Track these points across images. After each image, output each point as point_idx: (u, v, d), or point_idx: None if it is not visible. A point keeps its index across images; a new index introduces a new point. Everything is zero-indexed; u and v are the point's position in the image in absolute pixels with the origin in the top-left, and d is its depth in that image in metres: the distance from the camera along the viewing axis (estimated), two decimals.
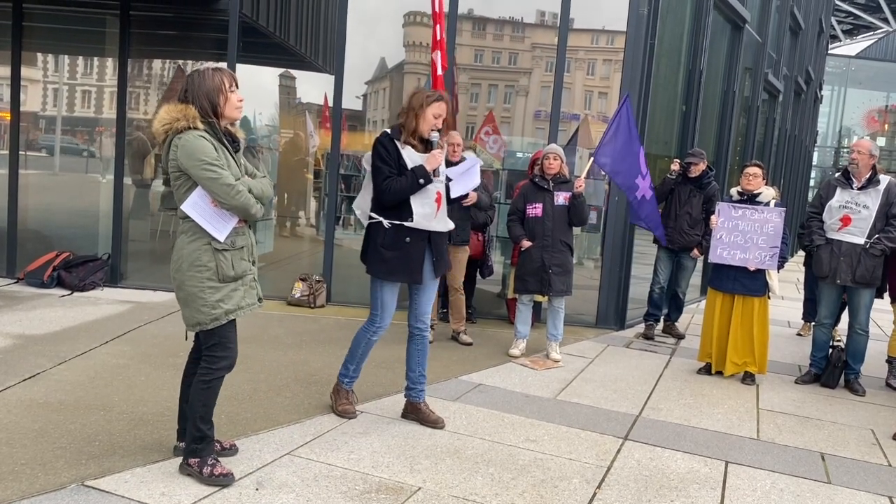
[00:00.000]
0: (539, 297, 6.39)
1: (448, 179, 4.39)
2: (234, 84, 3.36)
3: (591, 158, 6.02)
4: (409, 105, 4.18)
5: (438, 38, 6.74)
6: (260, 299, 3.56)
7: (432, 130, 4.16)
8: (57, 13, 8.26)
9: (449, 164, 5.92)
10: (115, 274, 7.84)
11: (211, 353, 3.43)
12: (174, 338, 5.92)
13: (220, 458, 3.52)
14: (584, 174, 6.01)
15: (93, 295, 7.34)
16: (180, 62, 8.60)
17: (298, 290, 7.48)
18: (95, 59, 8.42)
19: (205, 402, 3.43)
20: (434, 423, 4.39)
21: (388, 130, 4.22)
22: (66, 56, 8.53)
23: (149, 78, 8.51)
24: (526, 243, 6.05)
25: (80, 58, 8.50)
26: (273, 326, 6.57)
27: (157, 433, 3.97)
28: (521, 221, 6.14)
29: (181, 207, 3.29)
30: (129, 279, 7.94)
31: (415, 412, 4.46)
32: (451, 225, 4.38)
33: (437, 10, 6.74)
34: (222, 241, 3.31)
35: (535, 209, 6.04)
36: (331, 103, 7.90)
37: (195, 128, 3.22)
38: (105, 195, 8.06)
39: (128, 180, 8.03)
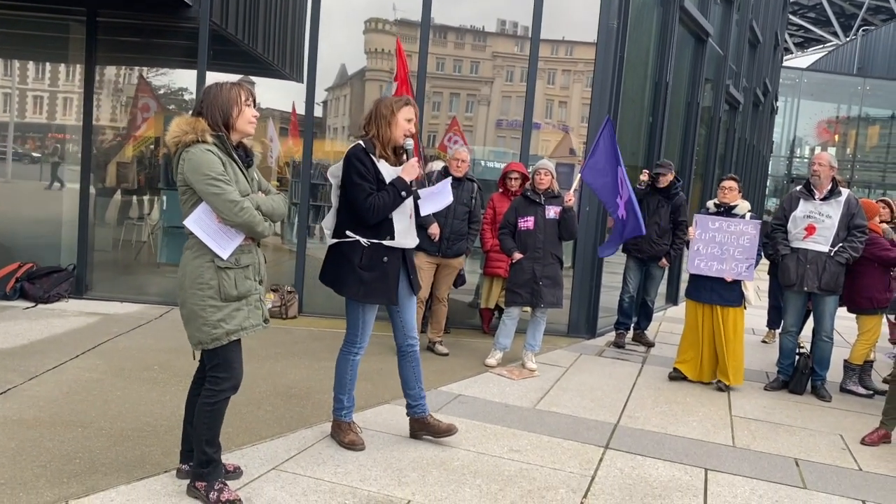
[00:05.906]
0: (525, 309, 6.43)
1: (416, 197, 4.17)
2: (250, 98, 3.29)
3: (579, 174, 6.11)
4: (378, 113, 3.94)
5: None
6: (266, 320, 3.45)
7: (406, 137, 3.98)
8: (19, 18, 8.06)
9: (455, 179, 6.20)
10: (80, 285, 7.66)
11: (214, 374, 3.35)
12: (146, 351, 5.82)
13: (227, 482, 3.41)
14: (572, 189, 6.09)
15: (58, 307, 7.17)
16: (145, 70, 8.49)
17: (270, 300, 7.41)
18: (61, 65, 8.24)
19: (210, 426, 3.33)
20: (447, 432, 4.29)
21: (362, 143, 3.94)
22: (30, 62, 8.33)
23: (116, 85, 8.35)
24: (517, 255, 6.12)
25: (45, 63, 8.32)
26: (246, 338, 6.46)
27: (139, 449, 3.89)
28: (511, 235, 6.21)
29: (184, 222, 3.21)
30: (94, 290, 7.77)
31: (424, 427, 4.34)
32: (417, 240, 4.23)
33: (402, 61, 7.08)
34: (226, 258, 3.23)
35: (527, 222, 6.12)
36: (300, 111, 7.87)
37: (203, 141, 3.14)
38: (69, 204, 7.87)
39: (92, 189, 7.87)
